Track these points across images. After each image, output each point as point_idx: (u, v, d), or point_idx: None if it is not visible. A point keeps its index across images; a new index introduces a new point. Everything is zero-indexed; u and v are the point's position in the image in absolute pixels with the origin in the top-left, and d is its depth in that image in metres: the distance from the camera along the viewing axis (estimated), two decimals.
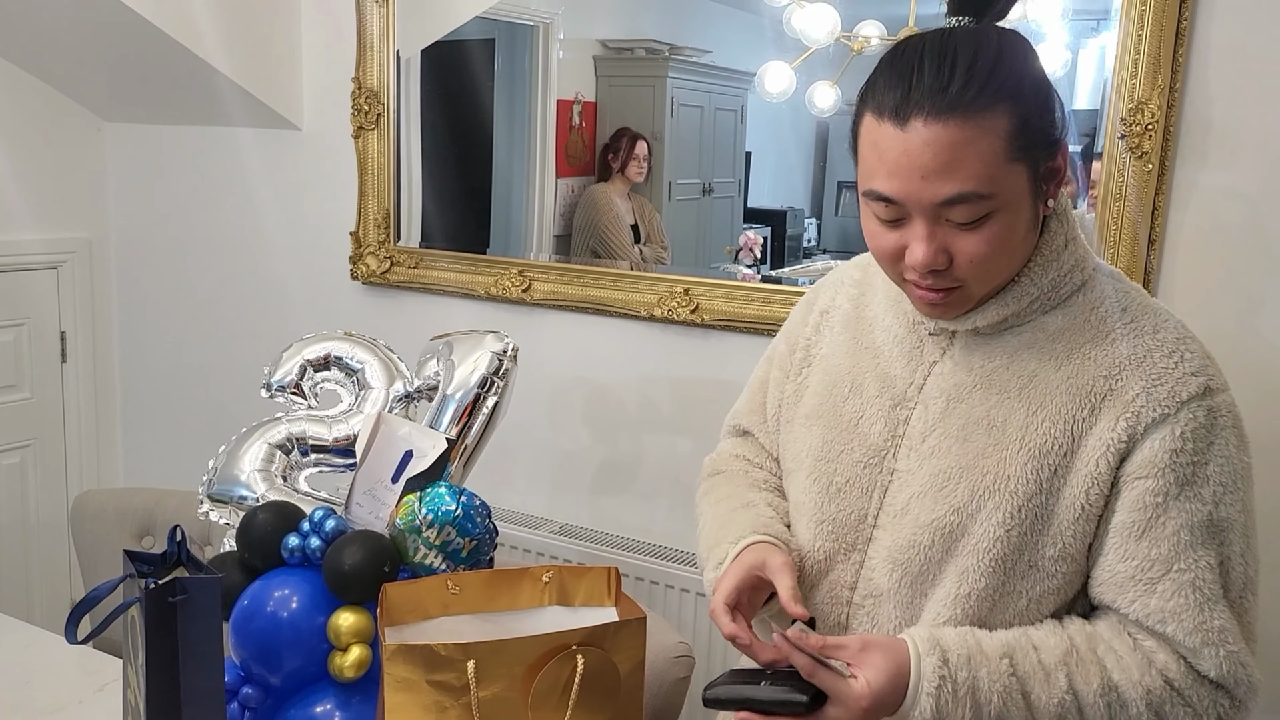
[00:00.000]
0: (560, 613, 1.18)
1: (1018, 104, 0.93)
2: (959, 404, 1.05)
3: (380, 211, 2.31)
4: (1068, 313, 1.04)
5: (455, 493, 1.23)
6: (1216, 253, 1.59)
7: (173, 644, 1.00)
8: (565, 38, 2.13)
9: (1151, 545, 0.97)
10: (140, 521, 1.92)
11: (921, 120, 0.92)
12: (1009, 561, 1.01)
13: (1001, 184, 0.94)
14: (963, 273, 0.98)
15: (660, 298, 2.02)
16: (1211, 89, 1.56)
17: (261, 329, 2.53)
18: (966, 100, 0.92)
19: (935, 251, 0.97)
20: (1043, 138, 0.96)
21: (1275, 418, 1.58)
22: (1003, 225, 0.96)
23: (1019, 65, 0.95)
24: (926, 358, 1.09)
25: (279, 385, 1.52)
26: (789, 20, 1.82)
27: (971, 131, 0.92)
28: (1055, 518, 1.00)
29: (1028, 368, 1.03)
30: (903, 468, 1.07)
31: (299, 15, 2.36)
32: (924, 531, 1.04)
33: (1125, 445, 0.98)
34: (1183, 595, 0.96)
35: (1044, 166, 0.98)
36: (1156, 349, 1.00)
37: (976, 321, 1.04)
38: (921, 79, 0.93)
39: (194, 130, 2.55)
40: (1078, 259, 1.04)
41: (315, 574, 1.20)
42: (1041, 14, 1.66)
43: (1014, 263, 1.01)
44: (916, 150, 0.93)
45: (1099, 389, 1.00)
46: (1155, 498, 0.97)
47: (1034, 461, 1.00)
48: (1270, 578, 1.58)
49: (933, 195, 0.94)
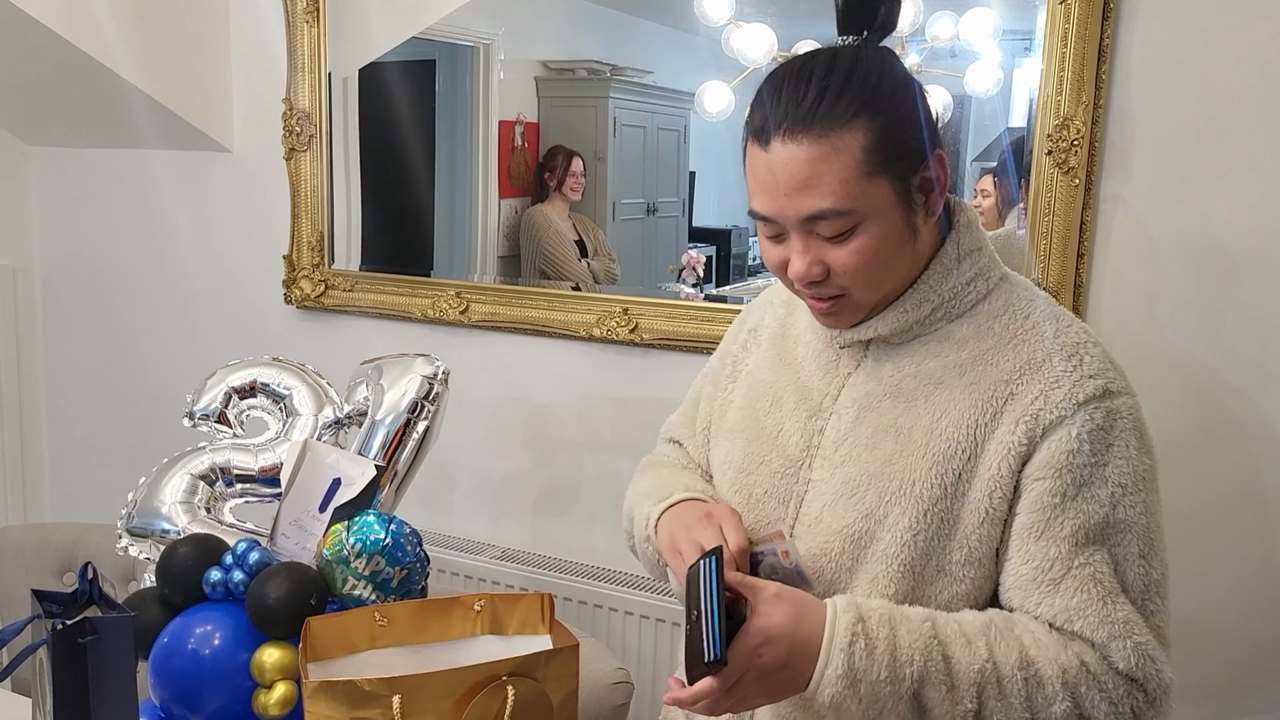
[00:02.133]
0: (493, 642, 1.15)
1: (873, 118, 0.96)
2: (869, 413, 1.07)
3: (314, 234, 2.27)
4: (972, 321, 1.05)
5: (385, 521, 1.20)
6: (1142, 264, 1.62)
7: (83, 686, 0.97)
8: (506, 58, 2.12)
9: (1050, 545, 0.98)
10: (61, 558, 1.85)
11: (780, 140, 0.96)
12: (917, 567, 1.02)
13: (861, 199, 0.96)
14: (841, 281, 1.01)
15: (599, 317, 2.00)
16: (1133, 105, 1.59)
17: (192, 356, 2.47)
18: (818, 117, 0.95)
19: (810, 264, 1.00)
20: (904, 150, 0.98)
21: (1201, 424, 1.61)
22: (870, 238, 0.98)
23: (874, 80, 0.98)
24: (842, 370, 1.11)
25: (202, 414, 1.48)
26: (727, 40, 1.84)
27: (825, 148, 0.95)
28: (961, 522, 1.01)
29: (934, 375, 1.04)
30: (817, 477, 1.09)
31: (227, 36, 2.32)
32: (834, 539, 1.05)
33: (1026, 448, 0.99)
34: (1085, 591, 0.97)
35: (915, 178, 0.99)
36: (1056, 353, 1.01)
37: (878, 328, 1.06)
38: (779, 100, 0.97)
39: (121, 154, 2.49)
40: (980, 268, 1.06)
41: (239, 609, 1.16)
42: (973, 34, 1.68)
43: (894, 272, 1.03)
44: (778, 169, 0.97)
45: (1000, 393, 1.01)
46: (1053, 498, 0.98)
47: (938, 466, 1.01)
48: (1213, 577, 1.61)
49: (796, 211, 0.98)
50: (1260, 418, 1.59)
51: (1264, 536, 1.62)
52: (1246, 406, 1.59)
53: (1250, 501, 1.61)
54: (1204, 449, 1.61)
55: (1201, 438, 1.61)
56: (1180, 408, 1.61)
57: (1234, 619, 1.64)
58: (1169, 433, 1.59)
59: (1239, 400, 1.59)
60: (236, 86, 2.33)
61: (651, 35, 2.07)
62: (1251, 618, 1.63)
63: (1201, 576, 1.62)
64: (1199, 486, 1.61)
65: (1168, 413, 1.60)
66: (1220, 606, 1.63)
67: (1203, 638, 1.64)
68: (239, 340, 2.35)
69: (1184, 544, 1.58)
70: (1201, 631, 1.64)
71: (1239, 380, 1.59)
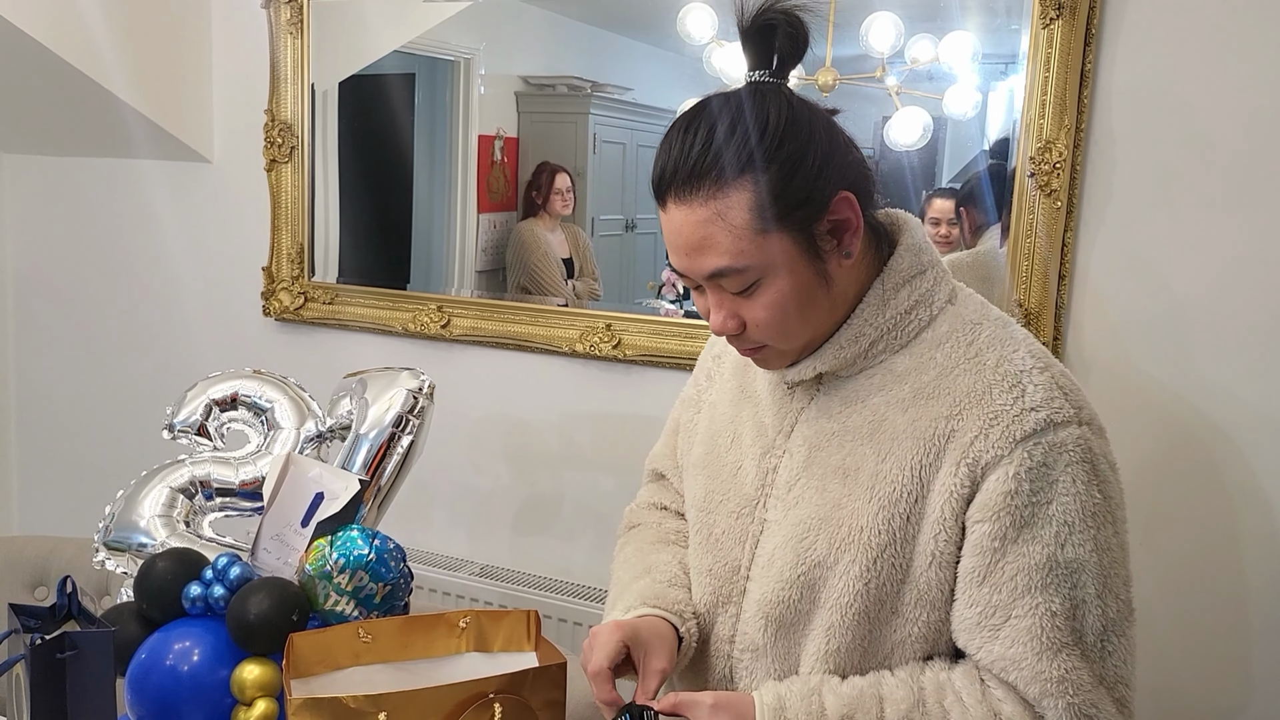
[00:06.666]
0: (478, 659, 1.14)
1: (758, 176, 0.93)
2: (819, 451, 1.04)
3: (294, 246, 2.25)
4: (914, 353, 1.01)
5: (368, 536, 1.19)
6: (1123, 287, 1.64)
7: (61, 703, 0.95)
8: (487, 73, 2.12)
9: (992, 591, 0.95)
10: (33, 572, 1.82)
11: (673, 202, 0.96)
12: (871, 612, 1.00)
13: (755, 256, 0.94)
14: (758, 335, 1.00)
15: (582, 333, 2.00)
16: (1115, 129, 1.61)
17: (169, 368, 2.44)
18: (703, 175, 0.93)
19: (724, 319, 0.99)
20: (798, 201, 0.94)
21: (1180, 447, 1.63)
22: (776, 291, 0.96)
23: (760, 132, 0.93)
24: (795, 405, 1.08)
25: (182, 426, 1.46)
26: (709, 59, 1.85)
27: (713, 209, 0.94)
28: (913, 565, 0.98)
29: (877, 412, 1.01)
30: (771, 518, 1.06)
31: (209, 46, 2.30)
32: (787, 587, 1.03)
33: (969, 489, 0.95)
34: (1021, 644, 0.93)
35: (819, 224, 0.96)
36: (996, 384, 0.96)
37: (816, 366, 1.03)
38: (670, 156, 0.96)
39: (99, 162, 2.47)
40: (922, 295, 1.02)
41: (219, 624, 1.15)
42: (952, 57, 1.71)
43: (811, 319, 1.00)
44: (675, 229, 0.97)
45: (941, 430, 0.97)
46: (993, 542, 0.94)
47: (885, 511, 0.98)
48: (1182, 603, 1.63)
49: (698, 270, 0.97)
50: (1230, 442, 1.61)
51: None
52: (1223, 423, 1.61)
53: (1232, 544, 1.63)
54: (1182, 463, 1.63)
55: (1178, 453, 1.63)
56: (1161, 425, 1.63)
57: (1211, 651, 1.65)
58: (1147, 451, 1.62)
59: (1215, 415, 1.61)
60: (217, 97, 2.32)
61: (633, 53, 2.08)
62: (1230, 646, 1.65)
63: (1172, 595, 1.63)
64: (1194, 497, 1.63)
65: (1148, 430, 1.62)
66: (1199, 628, 1.65)
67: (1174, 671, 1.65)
68: (217, 352, 2.33)
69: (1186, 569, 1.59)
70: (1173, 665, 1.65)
71: (1208, 404, 1.61)
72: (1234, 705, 1.66)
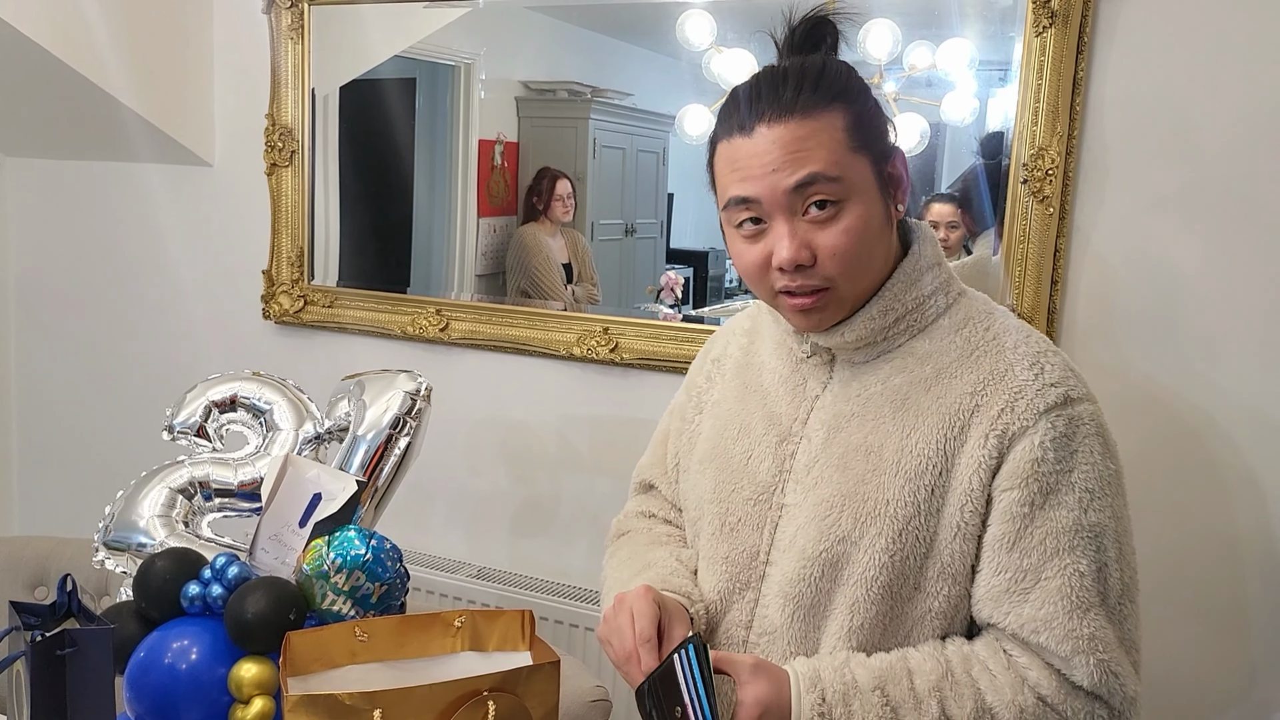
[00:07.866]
0: (473, 658, 1.15)
1: (849, 103, 1.02)
2: (838, 433, 1.08)
3: (294, 249, 2.26)
4: (934, 336, 1.07)
5: (365, 536, 1.20)
6: (1115, 292, 1.65)
7: (61, 700, 0.96)
8: (487, 78, 2.13)
9: (1022, 556, 0.99)
10: (33, 571, 1.83)
11: (765, 125, 1.01)
12: (895, 586, 1.03)
13: (848, 169, 1.00)
14: (828, 269, 1.02)
15: (580, 337, 2.01)
16: (1107, 136, 1.63)
17: (169, 370, 2.45)
18: (802, 102, 1.00)
19: (798, 247, 1.01)
20: (877, 135, 1.04)
21: (1171, 451, 1.64)
22: (856, 217, 1.01)
23: (845, 74, 1.04)
24: (809, 393, 1.12)
25: (181, 427, 1.47)
26: (708, 64, 1.86)
27: (811, 127, 1.00)
28: (937, 538, 1.02)
29: (900, 392, 1.06)
30: (790, 501, 1.10)
31: (211, 50, 2.32)
32: (811, 564, 1.06)
33: (996, 460, 1.01)
34: (1052, 603, 0.98)
35: (885, 167, 1.04)
36: (1017, 363, 1.03)
37: (845, 334, 1.07)
38: (759, 96, 1.02)
39: (100, 166, 2.48)
40: (941, 283, 1.09)
41: (216, 623, 1.16)
42: (950, 64, 1.72)
43: (874, 261, 1.05)
44: (764, 149, 1.00)
45: (966, 406, 1.02)
46: (1022, 508, 0.99)
47: (910, 484, 1.02)
48: (1174, 586, 1.64)
49: (785, 183, 1.00)
50: (1226, 441, 1.62)
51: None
52: (1215, 427, 1.62)
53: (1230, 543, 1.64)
54: (1173, 465, 1.64)
55: (1169, 456, 1.64)
56: (1152, 431, 1.64)
57: (1206, 643, 1.66)
58: (1138, 454, 1.63)
59: (1207, 419, 1.62)
60: (218, 101, 2.33)
61: (633, 58, 2.09)
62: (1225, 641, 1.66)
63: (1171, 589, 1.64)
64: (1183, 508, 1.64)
65: (1139, 434, 1.63)
66: (1191, 624, 1.66)
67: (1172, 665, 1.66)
68: (217, 355, 2.34)
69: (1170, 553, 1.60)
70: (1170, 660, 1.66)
71: (1200, 408, 1.62)
72: (1231, 699, 1.67)
